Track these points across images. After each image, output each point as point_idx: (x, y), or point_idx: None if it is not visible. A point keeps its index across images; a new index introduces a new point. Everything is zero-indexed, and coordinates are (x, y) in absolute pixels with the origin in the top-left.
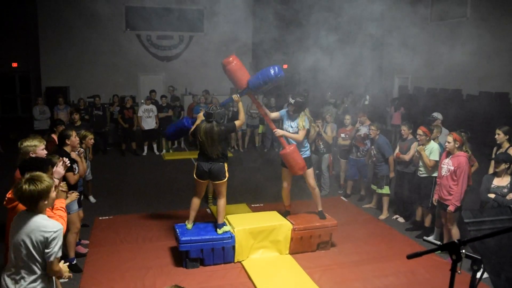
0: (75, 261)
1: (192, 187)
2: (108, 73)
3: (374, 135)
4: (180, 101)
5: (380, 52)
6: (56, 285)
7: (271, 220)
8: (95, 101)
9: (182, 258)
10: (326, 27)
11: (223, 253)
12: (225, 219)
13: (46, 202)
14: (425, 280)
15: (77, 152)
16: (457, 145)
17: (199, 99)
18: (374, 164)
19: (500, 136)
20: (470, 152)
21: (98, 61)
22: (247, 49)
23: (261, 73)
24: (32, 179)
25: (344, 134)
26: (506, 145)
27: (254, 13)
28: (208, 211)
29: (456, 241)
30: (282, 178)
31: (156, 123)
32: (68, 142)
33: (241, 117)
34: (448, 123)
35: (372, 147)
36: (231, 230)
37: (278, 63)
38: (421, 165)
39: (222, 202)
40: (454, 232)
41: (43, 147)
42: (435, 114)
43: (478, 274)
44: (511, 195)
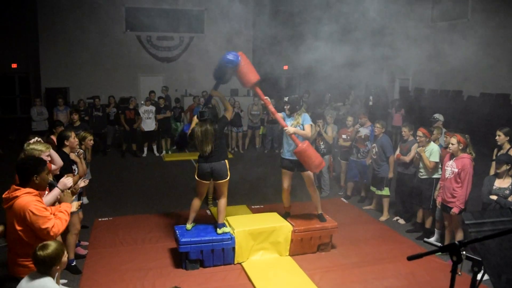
0: (74, 263)
1: (192, 188)
2: (108, 74)
3: (379, 133)
4: (180, 102)
5: (381, 53)
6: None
7: (271, 222)
8: (95, 102)
9: (182, 259)
10: (326, 28)
11: (223, 254)
12: (225, 220)
13: (58, 267)
14: (425, 282)
15: (76, 153)
16: (461, 147)
17: (199, 100)
18: (374, 164)
19: (501, 137)
20: (474, 154)
21: (98, 62)
22: (248, 51)
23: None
24: (45, 247)
25: (345, 135)
26: (507, 146)
27: (255, 15)
28: (208, 212)
29: (457, 242)
30: (282, 179)
31: (156, 124)
32: (67, 143)
33: (227, 106)
34: (449, 124)
35: (374, 145)
36: (231, 231)
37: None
38: (421, 167)
39: (223, 202)
40: (459, 236)
41: (48, 153)
42: (436, 115)
43: (479, 276)
44: None
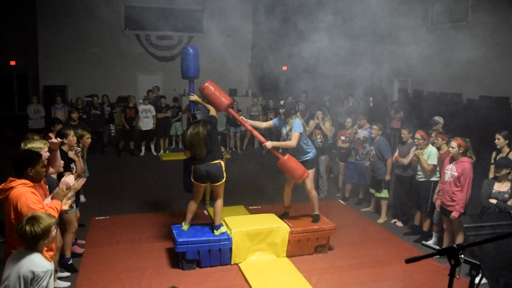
0: (71, 261)
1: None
2: (106, 72)
3: (376, 135)
4: (179, 101)
5: (380, 55)
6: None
7: (269, 222)
8: (93, 101)
9: (179, 259)
10: (325, 28)
11: (220, 255)
12: (222, 221)
13: (46, 241)
14: (423, 285)
15: (74, 152)
16: (461, 151)
17: None
18: (373, 166)
19: (500, 141)
20: (475, 158)
21: (96, 60)
22: (247, 50)
23: None
24: (33, 220)
25: (344, 137)
26: (507, 149)
27: (254, 14)
28: (205, 212)
29: (455, 246)
30: (286, 177)
31: (154, 123)
32: (66, 142)
33: (208, 107)
34: (448, 127)
35: (372, 147)
36: (228, 232)
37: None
38: (419, 169)
39: (220, 203)
40: (459, 239)
41: (47, 149)
42: (436, 117)
43: (477, 280)
44: None
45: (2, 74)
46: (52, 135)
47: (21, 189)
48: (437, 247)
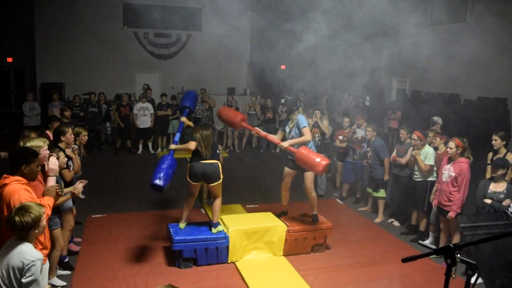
0: (67, 259)
1: (187, 187)
2: (104, 70)
3: (371, 137)
4: (177, 99)
5: (378, 55)
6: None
7: (266, 221)
8: (90, 98)
9: (175, 257)
10: (325, 29)
11: (217, 253)
12: (219, 219)
13: (37, 231)
14: (419, 284)
15: (71, 149)
16: (459, 151)
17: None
18: (370, 166)
19: (497, 142)
20: (472, 159)
21: (94, 58)
22: (245, 48)
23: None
24: (23, 210)
25: (342, 137)
26: (503, 150)
27: (253, 13)
28: (202, 211)
29: (451, 245)
30: (283, 177)
31: (152, 121)
32: (63, 139)
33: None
34: (445, 127)
35: (368, 148)
36: (225, 230)
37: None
38: (416, 169)
39: (218, 201)
40: (456, 239)
41: (46, 147)
42: (435, 118)
43: (473, 279)
44: (507, 201)
45: None
46: (49, 132)
47: (14, 186)
48: (434, 247)
